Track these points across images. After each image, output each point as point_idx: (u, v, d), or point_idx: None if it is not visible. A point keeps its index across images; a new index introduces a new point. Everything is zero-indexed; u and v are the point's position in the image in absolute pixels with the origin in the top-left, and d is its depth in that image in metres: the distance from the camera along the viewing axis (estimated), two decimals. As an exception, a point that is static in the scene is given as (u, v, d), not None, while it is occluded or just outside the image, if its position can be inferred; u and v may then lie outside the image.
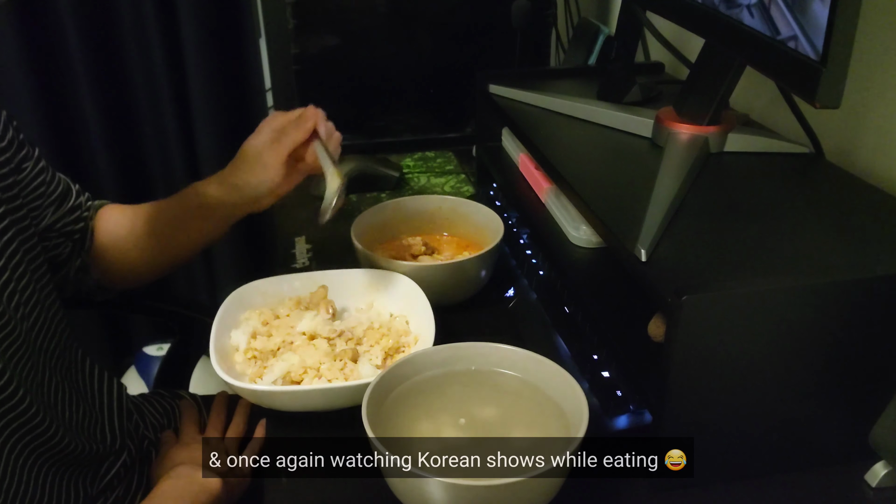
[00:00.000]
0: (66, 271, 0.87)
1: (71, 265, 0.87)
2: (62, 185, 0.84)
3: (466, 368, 0.68)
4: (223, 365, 0.72)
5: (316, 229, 1.08)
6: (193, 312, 1.10)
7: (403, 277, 0.82)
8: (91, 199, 0.90)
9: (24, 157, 0.78)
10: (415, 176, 1.26)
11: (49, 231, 0.83)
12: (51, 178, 0.82)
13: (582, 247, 0.81)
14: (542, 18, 1.31)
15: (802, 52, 0.60)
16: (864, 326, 0.59)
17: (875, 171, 0.81)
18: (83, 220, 0.86)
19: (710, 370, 0.58)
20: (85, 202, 0.87)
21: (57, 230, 0.83)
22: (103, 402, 0.81)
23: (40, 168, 0.80)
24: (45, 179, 0.81)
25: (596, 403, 0.71)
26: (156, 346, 1.76)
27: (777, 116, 0.91)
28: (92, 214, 0.88)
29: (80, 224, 0.86)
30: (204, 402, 0.98)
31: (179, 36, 1.45)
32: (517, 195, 0.96)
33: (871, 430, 0.63)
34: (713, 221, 0.69)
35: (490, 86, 1.04)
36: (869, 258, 0.61)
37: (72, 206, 0.85)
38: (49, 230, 0.82)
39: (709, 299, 0.55)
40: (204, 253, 1.70)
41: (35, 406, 0.68)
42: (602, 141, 0.88)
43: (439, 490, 0.54)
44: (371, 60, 1.30)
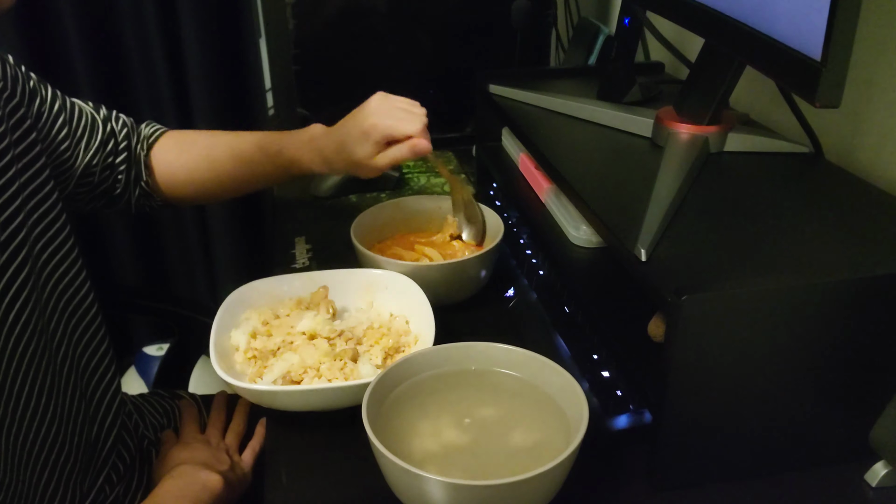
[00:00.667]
0: (126, 200, 0.89)
1: (129, 195, 0.89)
2: (87, 120, 0.84)
3: (466, 368, 0.68)
4: (223, 365, 0.72)
5: (316, 229, 1.08)
6: (193, 312, 1.10)
7: (403, 277, 0.82)
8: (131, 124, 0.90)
9: (40, 103, 0.78)
10: (415, 176, 1.26)
11: (89, 167, 0.83)
12: (70, 115, 0.82)
13: (582, 247, 0.81)
14: (542, 18, 1.31)
15: (802, 51, 0.60)
16: (865, 326, 0.59)
17: (875, 170, 0.81)
18: (124, 150, 0.87)
19: (710, 370, 0.58)
20: (119, 130, 0.87)
21: (97, 165, 0.84)
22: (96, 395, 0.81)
23: (58, 108, 0.80)
24: (66, 119, 0.81)
25: (596, 403, 0.71)
26: (156, 346, 1.76)
27: (777, 116, 0.91)
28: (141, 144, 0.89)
29: (122, 155, 0.86)
30: (203, 402, 0.98)
31: (179, 36, 1.45)
32: (517, 195, 0.96)
33: (871, 430, 0.63)
34: (713, 221, 0.68)
35: (490, 86, 1.04)
36: (869, 258, 0.61)
37: (103, 138, 0.85)
38: (89, 166, 0.83)
39: (709, 299, 0.55)
40: (204, 253, 1.70)
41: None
42: (602, 141, 0.88)
43: (439, 490, 0.54)
44: (371, 60, 1.30)
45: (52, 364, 0.71)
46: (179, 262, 1.73)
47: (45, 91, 0.79)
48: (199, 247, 1.69)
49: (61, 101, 0.81)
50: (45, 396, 0.69)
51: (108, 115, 0.88)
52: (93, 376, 0.79)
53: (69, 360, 0.74)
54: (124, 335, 1.78)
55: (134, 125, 0.91)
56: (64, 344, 0.74)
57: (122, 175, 0.87)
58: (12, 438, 0.65)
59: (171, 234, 1.69)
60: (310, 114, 1.30)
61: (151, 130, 0.92)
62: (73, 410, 0.73)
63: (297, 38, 1.25)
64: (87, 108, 0.85)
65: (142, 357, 1.76)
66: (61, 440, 0.71)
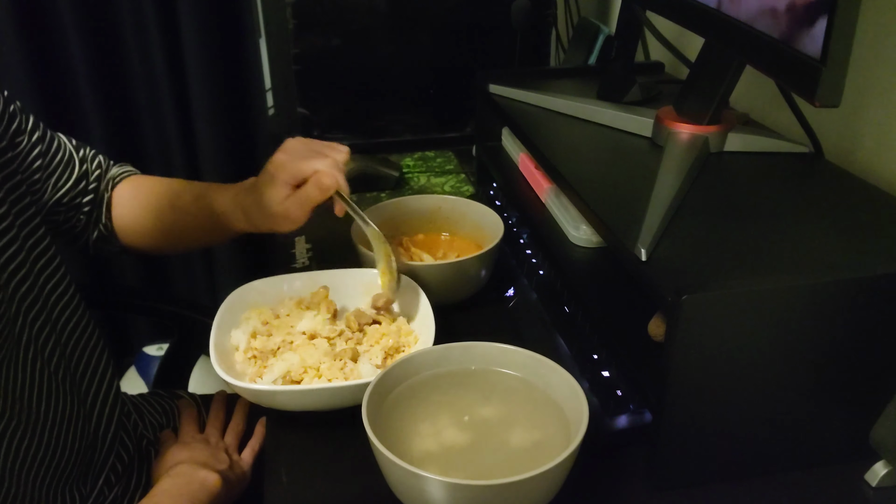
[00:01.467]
0: (84, 241, 0.87)
1: (88, 237, 0.86)
2: (63, 156, 0.82)
3: (466, 368, 0.68)
4: (223, 364, 0.72)
5: (316, 229, 1.08)
6: (193, 312, 1.10)
7: (403, 277, 0.82)
8: (105, 166, 0.87)
9: (15, 132, 0.76)
10: (415, 176, 1.26)
11: (58, 205, 0.82)
12: (47, 148, 0.80)
13: (582, 246, 0.81)
14: (542, 18, 1.31)
15: (802, 50, 0.60)
16: (865, 326, 0.59)
17: (875, 170, 0.81)
18: (92, 192, 0.85)
19: (711, 370, 0.58)
20: (92, 171, 0.85)
21: (65, 204, 0.82)
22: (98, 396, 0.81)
23: (36, 139, 0.79)
24: (42, 151, 0.79)
25: (596, 403, 0.71)
26: (156, 346, 1.76)
27: (777, 116, 0.91)
28: (106, 185, 0.87)
29: (89, 196, 0.84)
30: (203, 402, 0.98)
31: (179, 36, 1.45)
32: (517, 195, 0.96)
33: (872, 430, 0.63)
34: (713, 221, 0.68)
35: (490, 85, 1.04)
36: (869, 257, 0.61)
37: (76, 177, 0.83)
38: (57, 204, 0.81)
39: (709, 299, 0.55)
40: (204, 253, 1.70)
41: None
42: (602, 140, 0.88)
43: (439, 490, 0.54)
44: (371, 60, 1.30)
45: (47, 367, 0.71)
46: (179, 262, 1.73)
47: (24, 121, 0.78)
48: (198, 247, 1.69)
49: (40, 132, 0.80)
50: (43, 401, 0.69)
51: (86, 155, 0.86)
52: (92, 378, 0.79)
53: (63, 362, 0.74)
54: (124, 335, 1.78)
55: (108, 167, 0.89)
56: (59, 347, 0.74)
57: (83, 215, 0.85)
58: (6, 441, 0.65)
59: (171, 234, 1.69)
60: (310, 114, 1.30)
61: (118, 171, 0.89)
62: (69, 412, 0.73)
63: (297, 38, 1.25)
64: (67, 146, 0.84)
65: (142, 357, 1.76)
66: (56, 443, 0.71)
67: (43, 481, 0.70)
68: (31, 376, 0.69)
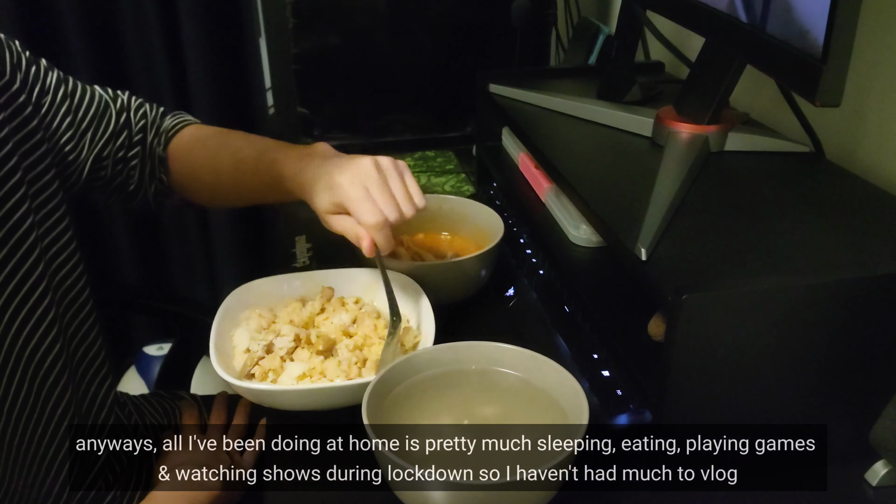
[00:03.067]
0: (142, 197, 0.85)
1: (145, 191, 0.84)
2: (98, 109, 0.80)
3: (466, 367, 0.68)
4: (223, 364, 0.72)
5: (316, 229, 1.08)
6: (193, 312, 1.10)
7: (403, 277, 0.82)
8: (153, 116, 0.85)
9: (41, 92, 0.74)
10: (415, 175, 1.26)
11: (99, 160, 0.79)
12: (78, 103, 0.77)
13: (582, 246, 0.81)
14: (542, 18, 1.31)
15: (803, 50, 0.60)
16: (865, 325, 0.59)
17: (876, 169, 0.80)
18: (138, 143, 0.82)
19: (711, 369, 0.58)
20: (136, 122, 0.82)
21: (108, 157, 0.80)
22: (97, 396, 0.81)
23: (62, 96, 0.76)
24: (72, 107, 0.77)
25: (596, 402, 0.71)
26: (156, 346, 1.76)
27: (777, 115, 0.91)
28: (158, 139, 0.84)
29: (136, 149, 0.82)
30: (204, 403, 0.98)
31: (179, 36, 1.45)
32: (517, 194, 0.96)
33: (872, 429, 0.62)
34: (713, 220, 0.68)
35: (490, 85, 1.04)
36: (869, 257, 0.61)
37: (114, 130, 0.80)
38: (98, 159, 0.79)
39: (709, 298, 0.55)
40: (204, 253, 1.70)
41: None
42: (602, 140, 0.88)
43: (439, 489, 0.54)
44: (371, 60, 1.30)
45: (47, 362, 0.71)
46: (179, 262, 1.73)
47: (49, 77, 0.76)
48: (199, 247, 1.69)
49: (67, 87, 0.77)
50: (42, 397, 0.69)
51: (128, 104, 0.83)
52: (93, 377, 0.79)
53: (63, 358, 0.74)
54: (124, 335, 1.78)
55: (157, 117, 0.85)
56: (59, 340, 0.73)
57: (134, 171, 0.82)
58: (7, 438, 0.65)
59: (171, 234, 1.69)
60: (310, 113, 1.30)
61: (172, 123, 0.86)
62: (68, 410, 0.73)
63: (297, 37, 1.25)
64: (103, 97, 0.81)
65: (142, 357, 1.76)
66: (53, 440, 0.71)
67: (43, 481, 0.69)
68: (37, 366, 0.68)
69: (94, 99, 0.80)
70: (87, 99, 0.79)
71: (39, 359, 0.69)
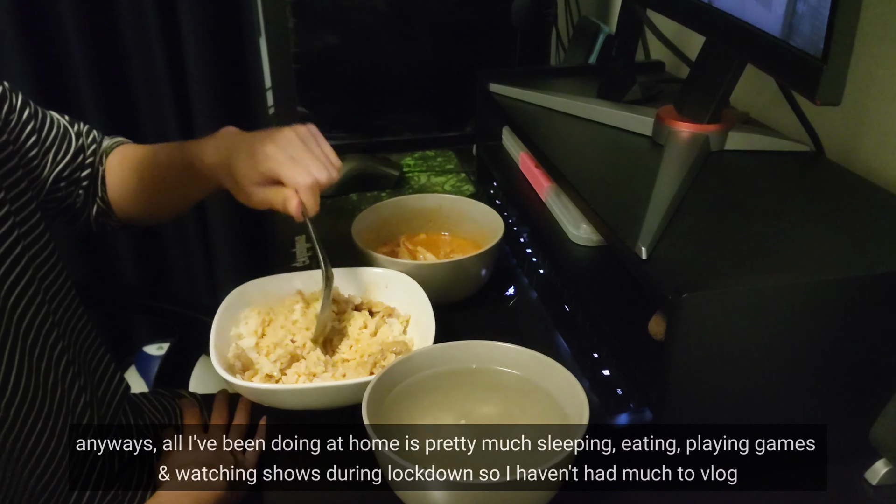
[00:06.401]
0: (85, 218, 0.87)
1: (88, 213, 0.87)
2: (58, 131, 0.82)
3: (466, 367, 0.68)
4: (223, 363, 0.72)
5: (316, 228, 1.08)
6: (193, 312, 1.10)
7: (404, 276, 0.82)
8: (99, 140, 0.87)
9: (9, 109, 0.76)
10: (415, 175, 1.26)
11: (58, 181, 0.81)
12: (41, 125, 0.80)
13: (582, 245, 0.81)
14: (542, 17, 1.31)
15: (803, 49, 0.60)
16: (865, 324, 0.59)
17: (876, 169, 0.80)
18: (89, 165, 0.85)
19: (711, 368, 0.58)
20: (88, 146, 0.85)
21: (65, 178, 0.82)
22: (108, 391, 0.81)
23: (27, 115, 0.78)
24: (36, 127, 0.79)
25: (596, 402, 0.71)
26: (156, 346, 1.76)
27: (778, 115, 0.91)
28: (100, 159, 0.87)
29: (87, 170, 0.84)
30: (204, 402, 0.98)
31: (179, 36, 1.45)
32: (517, 194, 0.96)
33: (872, 429, 0.62)
34: (714, 219, 0.68)
35: (490, 84, 1.04)
36: (870, 256, 0.61)
37: (74, 151, 0.83)
38: (57, 180, 0.81)
39: (709, 297, 0.55)
40: (204, 253, 1.70)
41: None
42: (602, 139, 0.88)
43: (439, 488, 0.54)
44: (371, 60, 1.30)
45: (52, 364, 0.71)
46: (179, 262, 1.73)
47: (14, 98, 0.78)
48: (199, 246, 1.69)
49: (31, 109, 0.80)
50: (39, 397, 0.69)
51: (81, 130, 0.86)
52: (102, 376, 0.79)
53: (66, 358, 0.74)
54: (124, 335, 1.78)
55: (102, 139, 0.89)
56: (60, 342, 0.74)
57: (82, 190, 0.85)
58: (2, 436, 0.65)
59: (171, 234, 1.69)
60: (310, 113, 1.30)
61: (109, 143, 0.89)
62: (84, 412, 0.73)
63: (297, 37, 1.25)
64: (60, 120, 0.84)
65: (142, 356, 1.76)
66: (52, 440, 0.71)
67: (44, 480, 0.69)
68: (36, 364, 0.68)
69: (54, 122, 0.83)
70: (49, 121, 0.82)
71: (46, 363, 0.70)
